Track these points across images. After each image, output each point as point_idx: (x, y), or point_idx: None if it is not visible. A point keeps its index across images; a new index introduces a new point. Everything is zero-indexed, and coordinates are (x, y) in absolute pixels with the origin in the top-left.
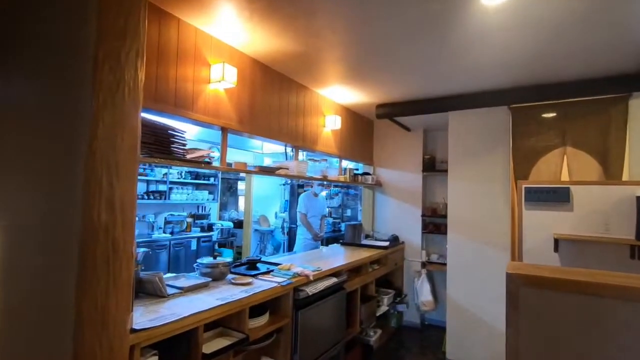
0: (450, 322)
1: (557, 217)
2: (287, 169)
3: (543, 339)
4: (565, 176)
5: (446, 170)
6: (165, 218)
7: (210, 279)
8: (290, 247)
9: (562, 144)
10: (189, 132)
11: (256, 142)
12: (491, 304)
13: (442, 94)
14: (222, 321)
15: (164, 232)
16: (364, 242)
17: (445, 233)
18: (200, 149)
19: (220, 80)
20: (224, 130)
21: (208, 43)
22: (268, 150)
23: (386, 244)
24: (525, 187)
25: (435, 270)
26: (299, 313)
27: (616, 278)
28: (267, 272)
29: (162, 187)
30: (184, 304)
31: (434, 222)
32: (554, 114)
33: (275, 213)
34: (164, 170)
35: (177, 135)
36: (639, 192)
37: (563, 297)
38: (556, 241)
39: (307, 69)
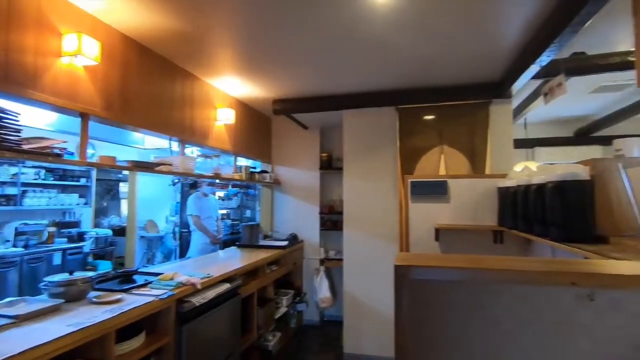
0: (347, 316)
1: (437, 208)
2: (171, 165)
3: (430, 328)
4: (442, 171)
5: (342, 168)
6: (17, 228)
7: (62, 301)
8: (183, 254)
9: (439, 143)
10: (42, 120)
11: (139, 136)
12: (385, 295)
13: (336, 92)
14: (79, 352)
15: (15, 246)
16: (262, 242)
17: (342, 229)
18: (47, 139)
19: (76, 54)
20: (84, 117)
21: (58, 7)
22: (152, 146)
23: (285, 243)
24: (411, 181)
25: (333, 266)
26: (184, 328)
27: (497, 262)
28: (144, 285)
29: (11, 190)
30: (15, 338)
31: (332, 219)
32: (433, 116)
33: (166, 217)
34: (13, 170)
35: (4, 118)
36: (499, 184)
37: (449, 285)
38: (437, 231)
39: (195, 54)
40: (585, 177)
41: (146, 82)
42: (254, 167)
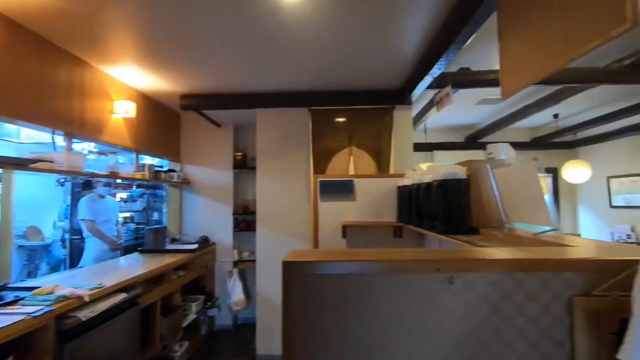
0: (260, 318)
1: (344, 206)
2: (52, 161)
3: (318, 321)
4: (352, 171)
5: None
6: None
7: None
8: (75, 264)
9: (349, 144)
10: None
11: (13, 128)
12: None
13: (250, 90)
14: None
15: None
16: (170, 247)
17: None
18: None
19: None
20: None
21: None
22: (34, 140)
23: (194, 246)
24: (320, 181)
25: (247, 268)
26: (66, 347)
27: (376, 254)
28: (14, 302)
29: None
30: None
31: (246, 220)
32: (344, 118)
33: (54, 222)
34: None
35: None
36: (398, 183)
37: (335, 278)
38: (344, 228)
39: (84, 37)
40: (463, 176)
41: (19, 65)
42: (161, 166)
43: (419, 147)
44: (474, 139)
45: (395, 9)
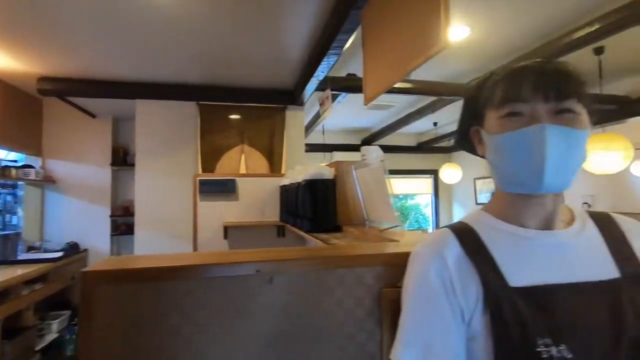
0: None
1: (226, 206)
2: None
3: (122, 339)
4: (243, 170)
5: None
6: None
7: None
8: None
9: (241, 142)
10: None
11: None
12: None
13: (128, 78)
14: None
15: None
16: (23, 256)
17: None
18: None
19: None
20: None
21: None
22: None
23: (58, 255)
24: (200, 180)
25: None
26: None
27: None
28: None
29: None
30: None
31: (128, 222)
32: (236, 116)
33: None
34: None
35: None
36: (282, 182)
37: (141, 287)
38: (225, 229)
39: None
40: (330, 176)
41: None
42: (15, 161)
43: (318, 148)
44: (369, 142)
45: (278, 8)
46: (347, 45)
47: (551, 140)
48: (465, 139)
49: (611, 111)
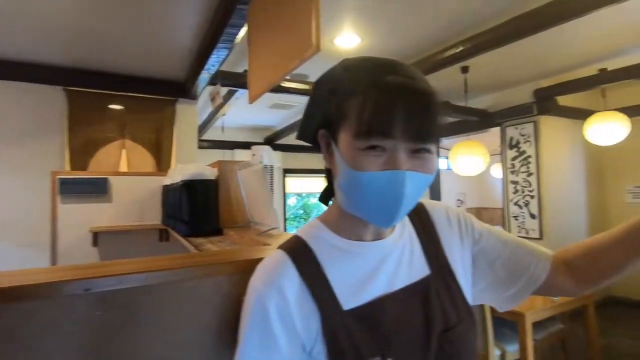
0: None
1: (96, 209)
2: None
3: None
4: (124, 167)
5: None
6: None
7: None
8: None
9: (121, 137)
10: None
11: None
12: None
13: None
14: None
15: None
16: None
17: None
18: None
19: None
20: None
21: None
22: None
23: None
24: (60, 179)
25: None
26: None
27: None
28: None
29: None
30: None
31: None
32: (117, 106)
33: None
34: None
35: None
36: (164, 182)
37: None
38: (95, 235)
39: None
40: (211, 177)
41: None
42: None
43: (218, 145)
44: (272, 141)
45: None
46: (238, 40)
47: (408, 187)
48: (310, 135)
49: (474, 122)
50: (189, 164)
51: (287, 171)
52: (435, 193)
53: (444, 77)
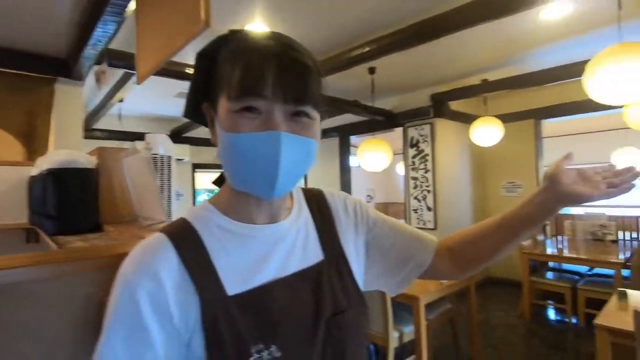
0: None
1: None
2: None
3: None
4: None
5: None
6: None
7: None
8: None
9: None
10: None
11: None
12: None
13: None
14: None
15: None
16: None
17: None
18: None
19: None
20: None
21: None
22: None
23: None
24: None
25: None
26: None
27: None
28: None
29: None
30: None
31: None
32: None
33: None
34: None
35: None
36: (32, 172)
37: None
38: None
39: None
40: (89, 165)
41: None
42: None
43: (118, 135)
44: (180, 133)
45: None
46: (129, 13)
47: (286, 148)
48: (195, 110)
49: (381, 122)
50: (62, 150)
51: (196, 166)
52: (346, 189)
53: (353, 76)
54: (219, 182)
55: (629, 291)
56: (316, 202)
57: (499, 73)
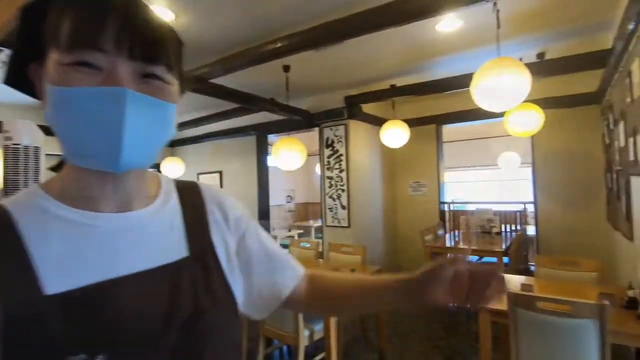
0: None
1: None
2: None
3: None
4: None
5: None
6: None
7: None
8: None
9: None
10: None
11: None
12: None
13: None
14: None
15: None
16: None
17: None
18: None
19: None
20: None
21: None
22: None
23: None
24: None
25: None
26: None
27: None
28: None
29: None
30: None
31: None
32: None
33: None
34: None
35: None
36: None
37: None
38: None
39: None
40: None
41: None
42: None
43: None
44: None
45: None
46: None
47: (133, 110)
48: (19, 76)
49: (298, 121)
50: None
51: None
52: (264, 189)
53: (269, 74)
54: (57, 168)
55: (507, 276)
56: (189, 194)
57: (406, 80)
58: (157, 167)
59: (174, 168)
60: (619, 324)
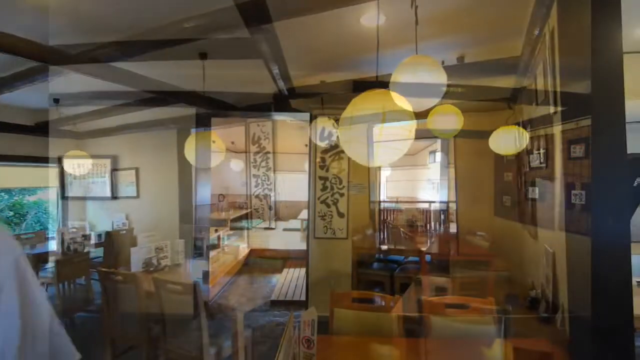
0: None
1: None
2: None
3: None
4: None
5: None
6: None
7: None
8: None
9: None
10: None
11: None
12: None
13: None
14: None
15: None
16: None
17: None
18: None
19: None
20: None
21: None
22: None
23: None
24: None
25: None
26: None
27: None
28: None
29: None
30: None
31: None
32: None
33: None
34: None
35: None
36: None
37: None
38: None
39: None
40: None
41: None
42: None
43: None
44: None
45: None
46: None
47: None
48: None
49: (223, 115)
50: None
51: None
52: (187, 188)
53: (185, 62)
54: None
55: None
56: None
57: (335, 76)
58: (59, 161)
59: (79, 163)
60: (521, 326)
